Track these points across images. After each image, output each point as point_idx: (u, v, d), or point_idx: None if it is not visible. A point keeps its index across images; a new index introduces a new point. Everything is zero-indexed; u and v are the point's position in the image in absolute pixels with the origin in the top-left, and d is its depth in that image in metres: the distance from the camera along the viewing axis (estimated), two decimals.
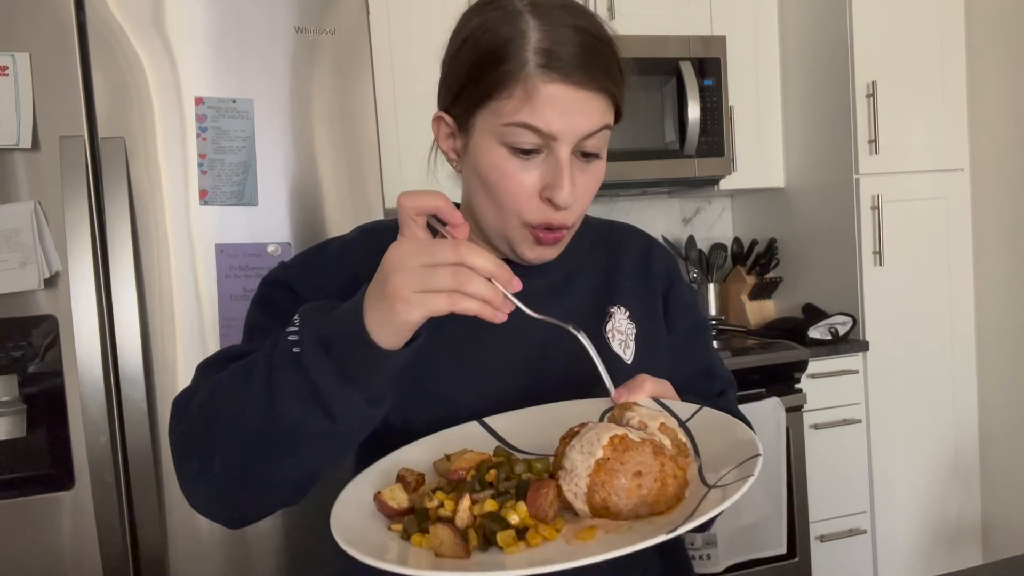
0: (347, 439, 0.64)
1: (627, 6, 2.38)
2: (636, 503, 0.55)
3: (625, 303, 0.86)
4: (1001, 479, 2.47)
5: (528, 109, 0.70)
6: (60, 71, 1.54)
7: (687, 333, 0.90)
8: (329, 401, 0.60)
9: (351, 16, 1.71)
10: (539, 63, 0.70)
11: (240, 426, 0.63)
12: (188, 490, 0.70)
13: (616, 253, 0.90)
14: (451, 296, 0.57)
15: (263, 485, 0.66)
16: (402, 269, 0.57)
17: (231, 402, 0.65)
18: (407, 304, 0.57)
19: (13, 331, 1.57)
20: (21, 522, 1.53)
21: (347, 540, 0.56)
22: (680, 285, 0.92)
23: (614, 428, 0.59)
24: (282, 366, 0.61)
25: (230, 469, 0.65)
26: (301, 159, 1.69)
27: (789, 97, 2.63)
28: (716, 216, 2.98)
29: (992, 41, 2.39)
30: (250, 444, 0.63)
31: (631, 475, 0.56)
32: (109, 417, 1.55)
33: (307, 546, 1.70)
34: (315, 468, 0.66)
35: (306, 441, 0.62)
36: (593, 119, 0.72)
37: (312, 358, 0.60)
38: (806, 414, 2.28)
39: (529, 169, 0.73)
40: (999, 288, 2.44)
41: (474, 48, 0.73)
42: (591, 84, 0.71)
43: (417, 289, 0.56)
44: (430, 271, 0.56)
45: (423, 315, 0.57)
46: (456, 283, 0.56)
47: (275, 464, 0.64)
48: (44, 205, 1.53)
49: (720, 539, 2.10)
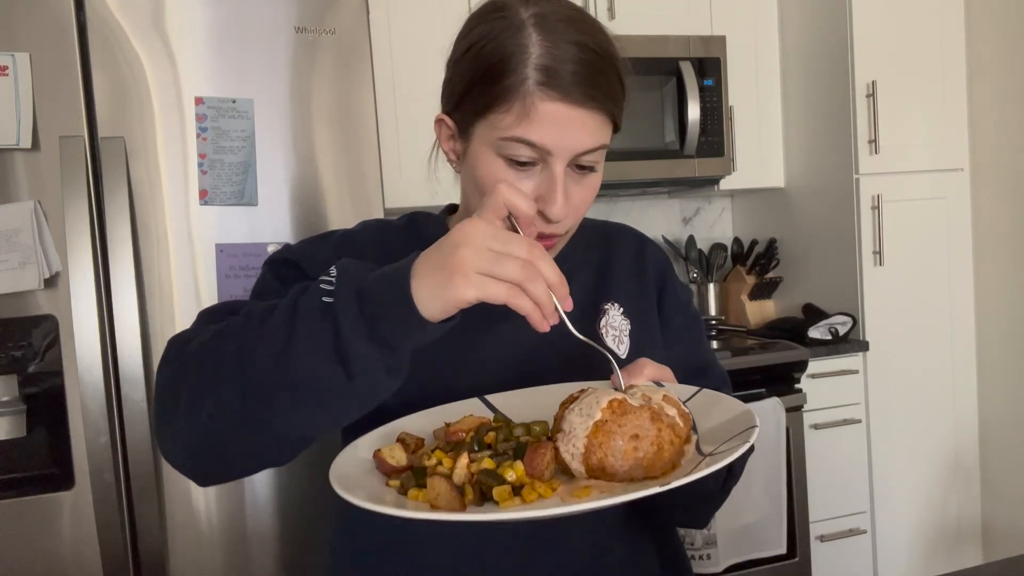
0: (354, 404, 0.61)
1: (627, 6, 2.38)
2: (632, 465, 0.56)
3: (619, 300, 0.87)
4: (1001, 479, 2.47)
5: (525, 125, 0.71)
6: (60, 71, 1.54)
7: (681, 330, 0.91)
8: (351, 358, 0.57)
9: (351, 16, 1.71)
10: (538, 80, 0.70)
11: (247, 369, 0.60)
12: (166, 433, 0.67)
13: (610, 251, 0.92)
14: (512, 289, 0.56)
15: (256, 435, 0.63)
16: (472, 245, 0.56)
17: (242, 344, 0.61)
18: (467, 281, 0.56)
19: (13, 331, 1.57)
20: (21, 522, 1.53)
21: (344, 487, 0.56)
22: (673, 283, 0.93)
23: (614, 393, 0.60)
24: (308, 314, 0.59)
25: (223, 413, 0.61)
26: (301, 159, 1.69)
27: (789, 97, 2.63)
28: (716, 216, 2.98)
29: (992, 41, 2.39)
30: (254, 389, 0.60)
31: (628, 437, 0.57)
32: (109, 417, 1.55)
33: (307, 546, 1.70)
34: (313, 427, 0.63)
35: (315, 396, 0.59)
36: (590, 137, 0.73)
37: (345, 310, 0.57)
38: (806, 414, 2.28)
39: (523, 180, 0.74)
40: (999, 288, 2.44)
41: (476, 58, 0.74)
42: (590, 103, 0.71)
43: (481, 270, 0.56)
44: (500, 257, 0.56)
45: (477, 297, 0.56)
46: (522, 277, 0.56)
47: (275, 414, 0.60)
48: (44, 205, 1.53)
49: (720, 539, 2.10)
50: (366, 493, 0.57)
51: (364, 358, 0.58)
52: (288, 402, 0.60)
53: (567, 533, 0.78)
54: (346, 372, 0.58)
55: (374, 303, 0.57)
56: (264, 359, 0.59)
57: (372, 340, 0.57)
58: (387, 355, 0.58)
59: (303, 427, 0.63)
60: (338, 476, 0.59)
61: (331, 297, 0.58)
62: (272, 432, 0.62)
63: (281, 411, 0.60)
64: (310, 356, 0.58)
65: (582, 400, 0.61)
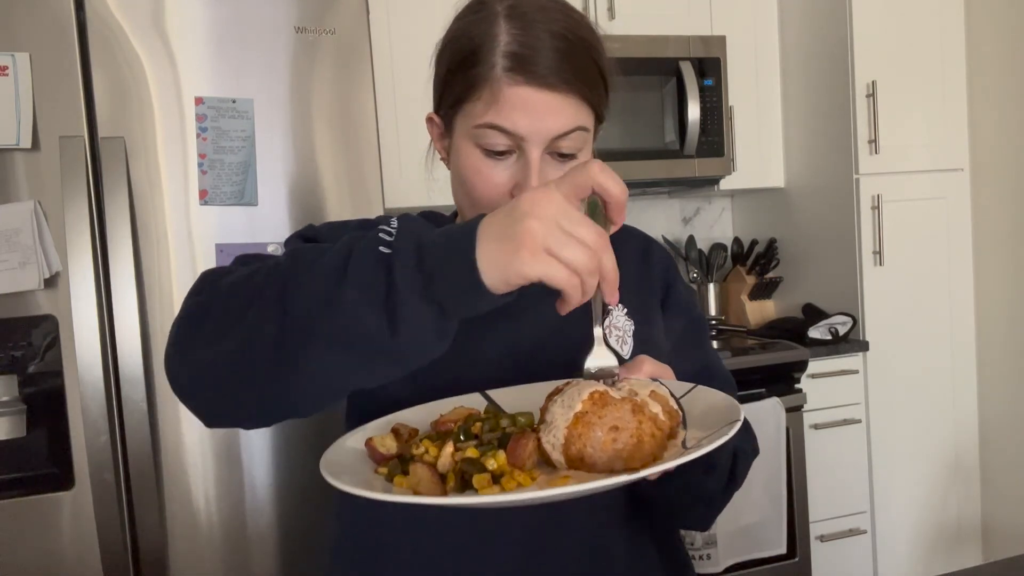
0: (393, 362, 0.58)
1: (627, 6, 2.38)
2: (611, 456, 0.57)
3: (623, 300, 0.86)
4: (1001, 479, 2.47)
5: (495, 111, 0.72)
6: (60, 71, 1.54)
7: (685, 333, 0.90)
8: (400, 313, 0.54)
9: (351, 16, 1.72)
10: (506, 66, 0.71)
11: (289, 305, 0.57)
12: (181, 360, 0.63)
13: (615, 252, 0.90)
14: (572, 276, 0.53)
15: (284, 376, 0.59)
16: (542, 217, 0.53)
17: (287, 281, 0.58)
18: (534, 258, 0.52)
19: (13, 331, 1.57)
20: (21, 522, 1.53)
21: (331, 474, 0.56)
22: (678, 285, 0.92)
23: (596, 385, 0.60)
24: (362, 260, 0.56)
25: (254, 346, 0.58)
26: (301, 159, 1.69)
27: (789, 97, 2.63)
28: (716, 216, 2.98)
29: (992, 41, 2.39)
30: (293, 326, 0.57)
31: (607, 429, 0.57)
32: (109, 417, 1.55)
33: (307, 546, 1.70)
34: (345, 379, 0.60)
35: (355, 346, 0.56)
36: (562, 120, 0.73)
37: (402, 262, 0.54)
38: (806, 414, 2.28)
39: (501, 169, 0.74)
40: (999, 288, 2.44)
41: (450, 52, 0.76)
42: (560, 86, 0.72)
43: (550, 248, 0.53)
44: (569, 239, 0.53)
45: (539, 275, 0.53)
46: (585, 267, 0.53)
47: (310, 358, 0.57)
48: (44, 205, 1.53)
49: (720, 539, 2.10)
50: (351, 479, 0.57)
51: (415, 315, 0.54)
52: (325, 346, 0.56)
53: (568, 534, 0.78)
54: (392, 326, 0.54)
55: (434, 260, 0.54)
56: (309, 299, 0.56)
57: (425, 298, 0.54)
58: (438, 317, 0.55)
59: (335, 376, 0.59)
60: (327, 463, 0.60)
61: (389, 248, 0.55)
62: (302, 375, 0.58)
63: (316, 355, 0.57)
64: (358, 304, 0.54)
65: (565, 392, 0.62)
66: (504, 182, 0.75)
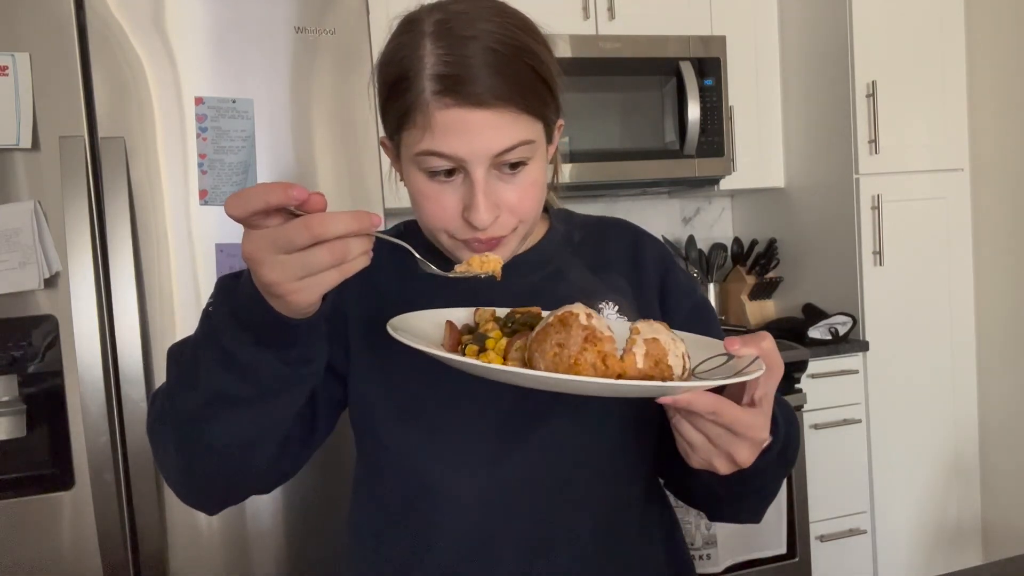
0: (275, 400, 0.65)
1: (627, 6, 2.38)
2: (547, 367, 0.62)
3: (614, 299, 0.84)
4: (1001, 479, 2.47)
5: (429, 137, 0.70)
6: (60, 71, 1.54)
7: (689, 316, 0.87)
8: (247, 368, 0.61)
9: (351, 16, 1.72)
10: (434, 89, 0.68)
11: (181, 401, 0.65)
12: (165, 478, 0.73)
13: (605, 247, 0.89)
14: (339, 269, 0.55)
15: (208, 457, 0.67)
16: (265, 264, 0.55)
17: (175, 381, 0.67)
18: (296, 292, 0.56)
19: (13, 331, 1.57)
20: (21, 522, 1.53)
21: (395, 329, 0.65)
22: (675, 272, 0.90)
23: (578, 308, 0.63)
24: (202, 338, 0.63)
25: (179, 447, 0.67)
26: (301, 159, 1.69)
27: (789, 97, 2.63)
28: (716, 216, 2.98)
29: (992, 41, 2.39)
30: (188, 416, 0.65)
31: (554, 343, 0.61)
32: (109, 417, 1.55)
33: (307, 546, 1.70)
34: (251, 434, 0.67)
35: (235, 405, 0.63)
36: (502, 137, 0.70)
37: (225, 329, 0.61)
38: (806, 414, 2.28)
39: (448, 191, 0.73)
40: (999, 288, 2.44)
41: (382, 77, 0.74)
42: (494, 103, 0.69)
43: (297, 277, 0.55)
44: (300, 257, 0.54)
45: (318, 294, 0.57)
46: (335, 258, 0.54)
47: (211, 433, 0.65)
48: (44, 205, 1.53)
49: (720, 539, 2.10)
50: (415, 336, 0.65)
51: (257, 364, 0.61)
52: (215, 419, 0.64)
53: (573, 530, 0.78)
54: (247, 380, 0.62)
55: (246, 318, 0.60)
56: (187, 389, 0.64)
57: (259, 346, 0.61)
58: (280, 354, 0.61)
59: (241, 438, 0.67)
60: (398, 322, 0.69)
61: (212, 319, 0.62)
62: (216, 450, 0.66)
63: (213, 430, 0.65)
64: (213, 375, 0.62)
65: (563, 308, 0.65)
66: (454, 204, 0.73)
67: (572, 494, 0.78)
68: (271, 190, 0.54)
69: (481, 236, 0.73)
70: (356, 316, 0.82)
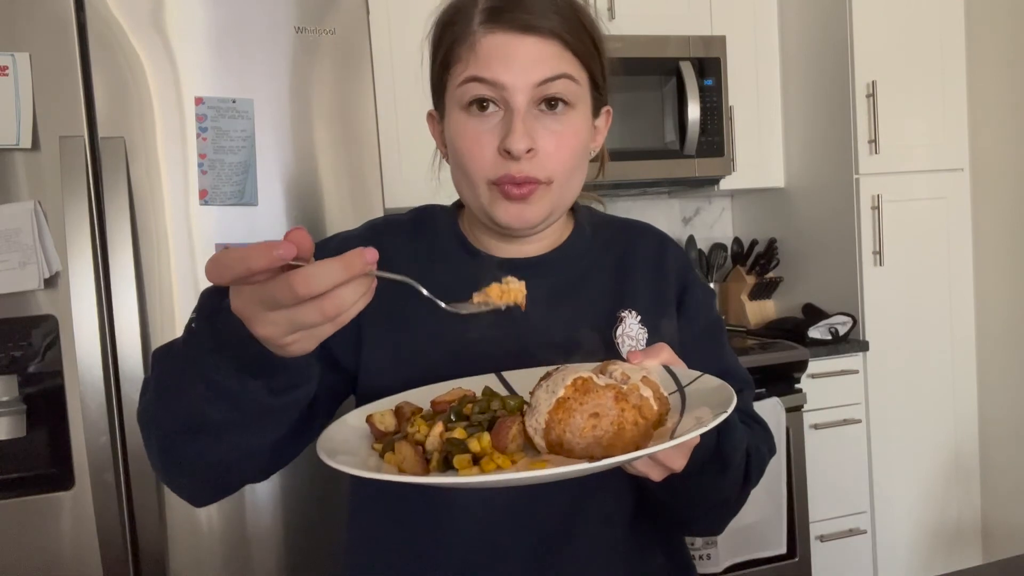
0: (258, 426, 0.62)
1: (627, 6, 2.38)
2: (590, 443, 0.57)
3: (637, 307, 0.83)
4: (1001, 479, 2.47)
5: (474, 63, 0.71)
6: (60, 71, 1.54)
7: (701, 336, 0.87)
8: (228, 394, 0.58)
9: (351, 16, 1.71)
10: (482, 20, 0.71)
11: (164, 412, 0.63)
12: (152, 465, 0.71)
13: (629, 254, 0.88)
14: (332, 323, 0.51)
15: (193, 468, 0.66)
16: (255, 320, 0.51)
17: (157, 390, 0.64)
18: (291, 346, 0.53)
19: (13, 331, 1.57)
20: (21, 522, 1.53)
21: (323, 449, 0.59)
22: (695, 287, 0.89)
23: (582, 371, 0.60)
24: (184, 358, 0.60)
25: (165, 457, 0.66)
26: (301, 159, 1.69)
27: (789, 97, 2.63)
28: (716, 216, 2.98)
29: (992, 41, 2.39)
30: (172, 429, 0.63)
31: (588, 415, 0.57)
32: (109, 417, 1.55)
33: (307, 546, 1.70)
34: (239, 452, 0.65)
35: (219, 428, 0.61)
36: (544, 66, 0.71)
37: (206, 354, 0.57)
38: (806, 414, 2.28)
39: (486, 126, 0.73)
40: (999, 288, 2.44)
41: (436, 26, 0.77)
42: (538, 30, 0.71)
43: (289, 332, 0.51)
44: (288, 315, 0.50)
45: (315, 345, 0.54)
46: (325, 316, 0.50)
47: (195, 449, 0.63)
48: (44, 205, 1.53)
49: (720, 539, 2.10)
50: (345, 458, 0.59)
51: (243, 392, 0.57)
52: (200, 436, 0.62)
53: (575, 533, 0.78)
54: (231, 406, 0.58)
55: (231, 347, 0.56)
56: (169, 406, 0.62)
57: (242, 373, 0.57)
58: (266, 383, 0.58)
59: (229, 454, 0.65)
60: (325, 438, 0.62)
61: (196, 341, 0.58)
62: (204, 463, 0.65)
63: (199, 446, 0.63)
64: (194, 399, 0.59)
65: (553, 376, 0.61)
66: (491, 139, 0.72)
67: (577, 500, 0.78)
68: (252, 255, 0.48)
69: (515, 173, 0.72)
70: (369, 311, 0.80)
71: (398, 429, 0.65)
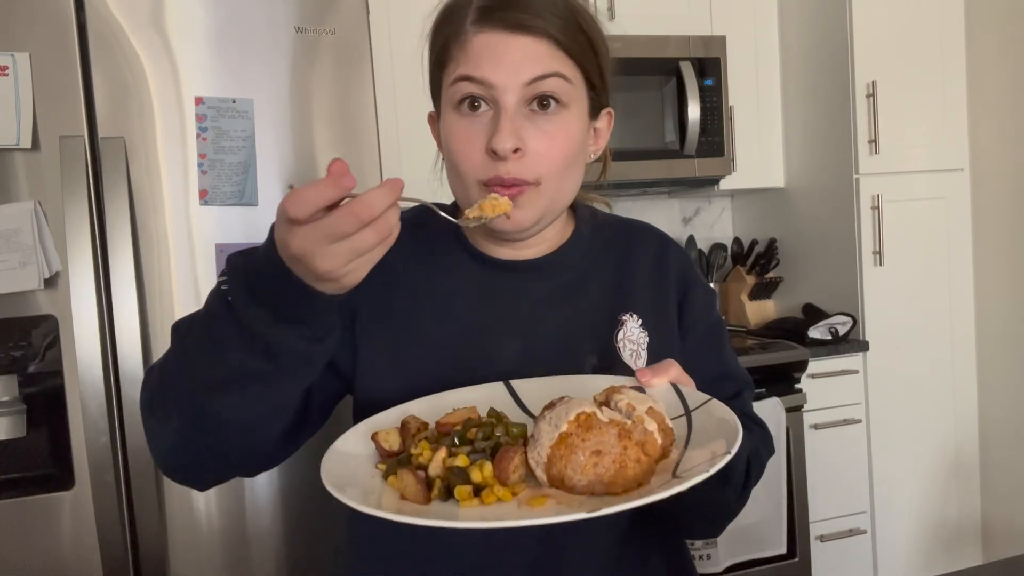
0: (290, 377, 0.64)
1: (627, 6, 2.38)
2: (591, 480, 0.56)
3: (638, 310, 0.82)
4: (1001, 479, 2.47)
5: (464, 61, 0.72)
6: (60, 71, 1.53)
7: (702, 339, 0.86)
8: (263, 343, 0.60)
9: (351, 16, 1.71)
10: (474, 19, 0.72)
11: (191, 374, 0.63)
12: (155, 452, 0.71)
13: (630, 255, 0.87)
14: (383, 245, 0.56)
15: (214, 430, 0.65)
16: (317, 256, 0.55)
17: (183, 355, 0.65)
18: (349, 275, 0.57)
19: (13, 331, 1.57)
20: (21, 522, 1.53)
21: (326, 470, 0.60)
22: (696, 289, 0.88)
23: (586, 405, 0.59)
24: (216, 314, 0.61)
25: (183, 418, 0.65)
26: (301, 159, 1.69)
27: (789, 97, 2.63)
28: (716, 216, 2.98)
29: (992, 41, 2.39)
30: (199, 388, 0.63)
31: (589, 453, 0.56)
32: (109, 417, 1.55)
33: (307, 547, 1.70)
34: (263, 410, 0.66)
35: (250, 380, 0.62)
36: (535, 64, 0.71)
37: (243, 305, 0.59)
38: (806, 414, 2.28)
39: (477, 125, 0.73)
40: (999, 288, 2.44)
41: (432, 26, 0.77)
42: (529, 29, 0.71)
43: (348, 261, 0.56)
44: (349, 243, 0.55)
45: (367, 270, 0.58)
46: (380, 237, 0.55)
47: (222, 405, 0.63)
48: (44, 205, 1.53)
49: (720, 539, 2.10)
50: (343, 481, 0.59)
51: (277, 340, 0.60)
52: (228, 392, 0.62)
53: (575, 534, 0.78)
54: (265, 356, 0.60)
55: (265, 292, 0.59)
56: (200, 362, 0.62)
57: (279, 322, 0.59)
58: (300, 329, 0.60)
59: (250, 414, 0.65)
60: (328, 458, 0.63)
61: (230, 296, 0.60)
62: (224, 425, 0.64)
63: (224, 402, 0.63)
64: (232, 351, 0.60)
65: (556, 409, 0.60)
66: (480, 138, 0.72)
67: None
68: (327, 187, 0.54)
69: (503, 173, 0.71)
70: (366, 312, 0.80)
71: (403, 448, 0.65)
